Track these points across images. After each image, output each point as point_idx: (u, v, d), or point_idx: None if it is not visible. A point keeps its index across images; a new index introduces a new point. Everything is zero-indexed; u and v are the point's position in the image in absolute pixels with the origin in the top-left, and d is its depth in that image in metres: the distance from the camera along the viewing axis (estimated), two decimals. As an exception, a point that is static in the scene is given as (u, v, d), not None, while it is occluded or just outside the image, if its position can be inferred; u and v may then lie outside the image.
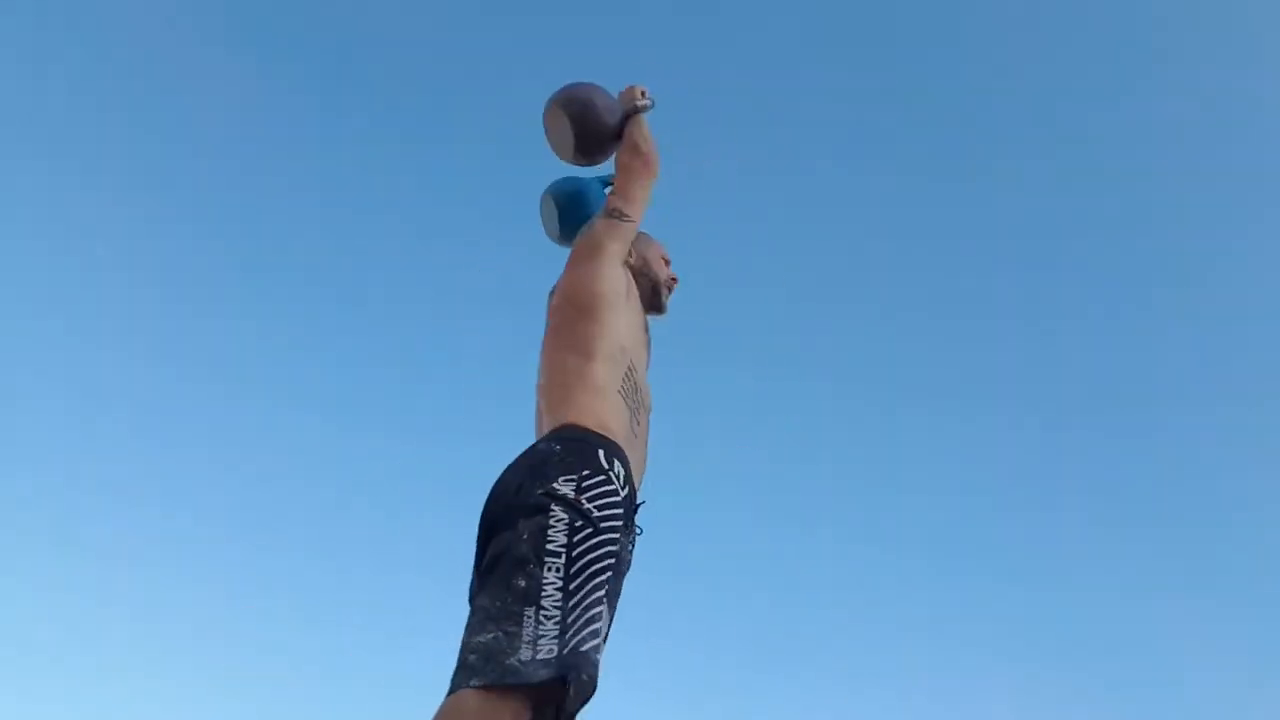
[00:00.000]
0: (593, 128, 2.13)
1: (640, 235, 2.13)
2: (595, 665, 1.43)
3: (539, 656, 1.38)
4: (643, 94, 2.20)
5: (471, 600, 1.55)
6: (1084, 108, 6.76)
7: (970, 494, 6.48)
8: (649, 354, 2.06)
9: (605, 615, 1.52)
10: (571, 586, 1.47)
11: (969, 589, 6.29)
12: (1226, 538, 6.23)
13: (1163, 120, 6.67)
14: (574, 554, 1.50)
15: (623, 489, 1.65)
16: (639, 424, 1.84)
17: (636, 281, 2.05)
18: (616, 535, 1.57)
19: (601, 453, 1.66)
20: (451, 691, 1.39)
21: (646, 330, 2.07)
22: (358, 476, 6.17)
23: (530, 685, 1.36)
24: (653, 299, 2.12)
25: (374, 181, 6.75)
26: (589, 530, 1.53)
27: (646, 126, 2.15)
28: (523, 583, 1.45)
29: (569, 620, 1.43)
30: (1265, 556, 5.99)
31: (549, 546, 1.49)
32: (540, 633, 1.41)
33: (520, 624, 1.41)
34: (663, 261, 2.17)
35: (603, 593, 1.50)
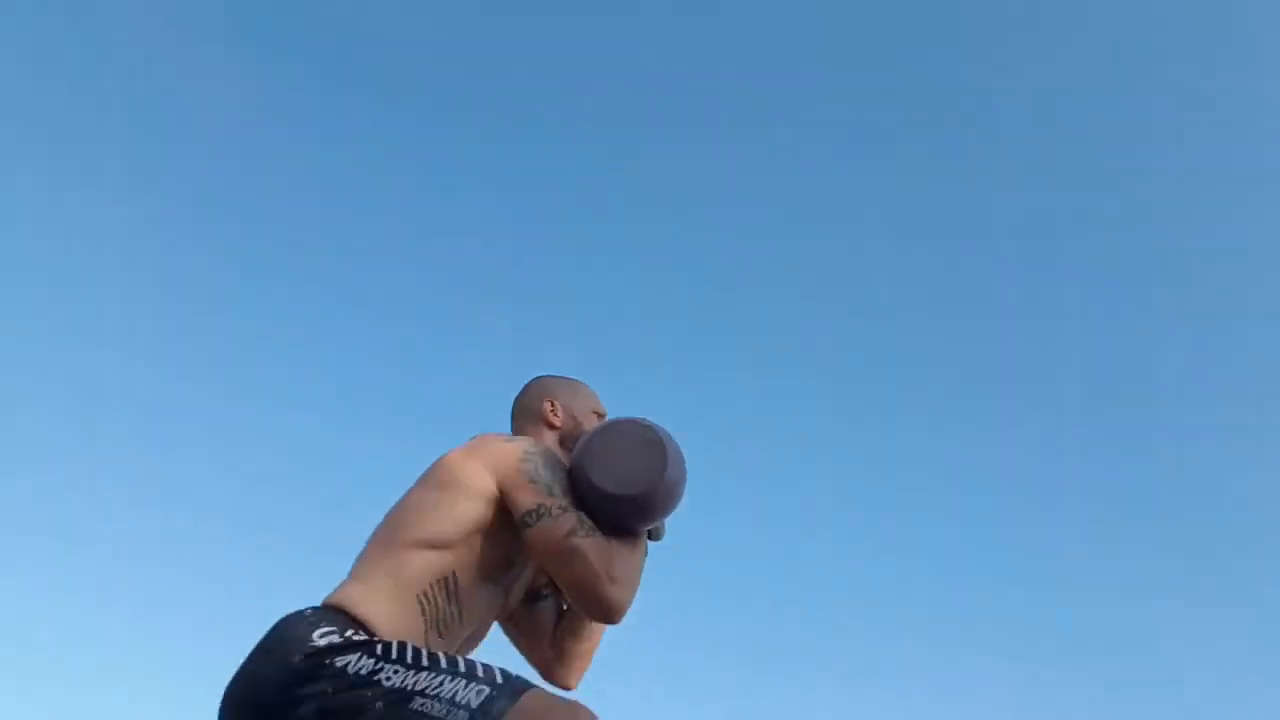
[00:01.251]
0: (663, 505, 1.59)
1: (569, 384, 1.81)
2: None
3: (476, 704, 1.25)
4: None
5: None
6: (1084, 108, 6.77)
7: (970, 494, 6.48)
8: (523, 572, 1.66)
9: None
10: (425, 663, 1.31)
11: (969, 589, 6.30)
12: (1227, 537, 6.24)
13: (1163, 120, 6.68)
14: (395, 656, 1.32)
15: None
16: (441, 638, 1.49)
17: (562, 445, 1.72)
18: None
19: (359, 633, 1.40)
20: (516, 696, 1.27)
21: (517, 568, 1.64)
22: (357, 476, 6.18)
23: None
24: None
25: (374, 181, 6.76)
26: (391, 644, 1.35)
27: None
28: (380, 704, 1.26)
29: (462, 671, 1.30)
30: (1266, 556, 5.99)
31: (364, 672, 1.29)
32: (449, 694, 1.26)
33: (426, 716, 1.25)
34: (595, 418, 1.78)
35: (467, 658, 1.35)
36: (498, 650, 1.72)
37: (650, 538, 1.67)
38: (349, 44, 6.88)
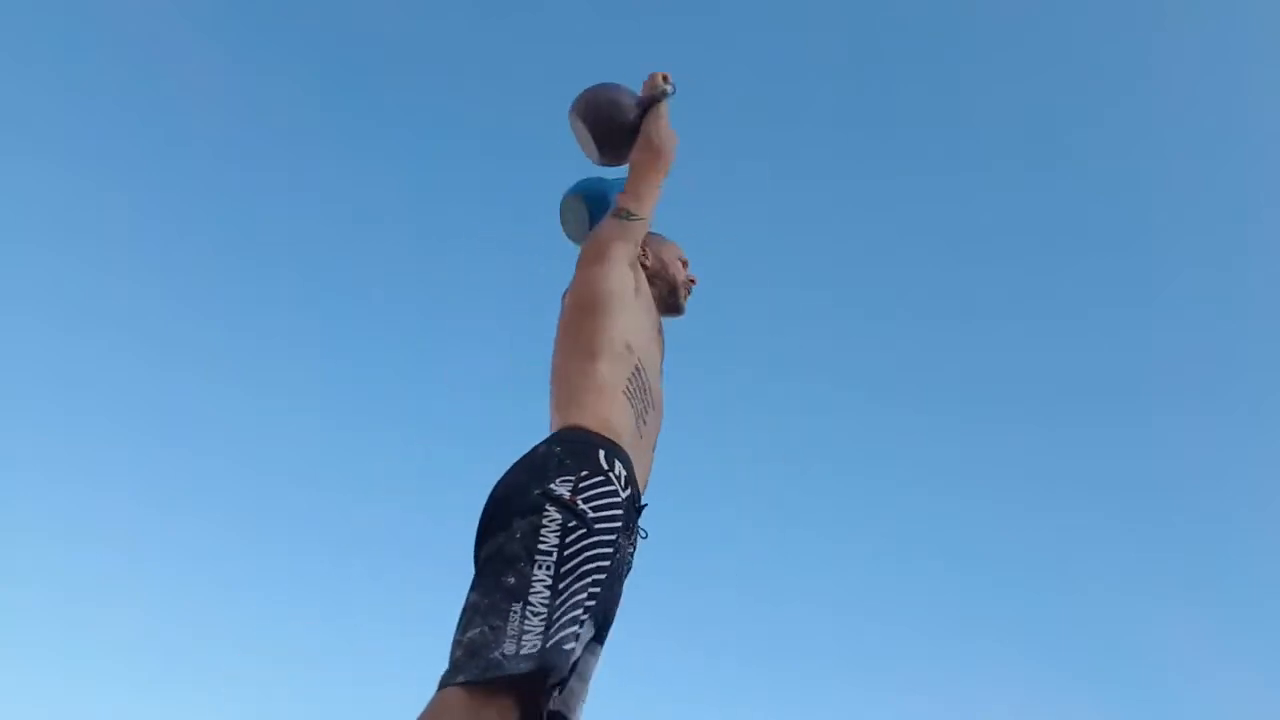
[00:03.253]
0: (611, 128, 2.11)
1: (656, 237, 2.12)
2: (567, 657, 1.43)
3: (523, 651, 1.39)
4: (664, 79, 2.16)
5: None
6: (1084, 108, 6.77)
7: (970, 494, 6.48)
8: (662, 355, 2.02)
9: (590, 617, 1.51)
10: (560, 585, 1.47)
11: (969, 588, 6.30)
12: (1227, 537, 6.23)
13: (1163, 120, 6.68)
14: (565, 554, 1.50)
15: (623, 490, 1.64)
16: (645, 424, 1.82)
17: (653, 283, 2.04)
18: (613, 538, 1.57)
19: (602, 454, 1.65)
20: (439, 689, 1.39)
21: (660, 331, 2.04)
22: (357, 476, 6.17)
23: (512, 677, 1.36)
24: (670, 300, 2.11)
25: (374, 181, 6.76)
26: (582, 531, 1.53)
27: (664, 117, 2.11)
28: (512, 580, 1.46)
29: (555, 617, 1.44)
30: (1266, 556, 5.99)
31: (540, 546, 1.49)
32: (525, 628, 1.41)
33: (506, 619, 1.42)
34: (680, 263, 2.15)
35: (588, 595, 1.50)
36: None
37: (656, 101, 2.13)
38: (349, 44, 6.89)
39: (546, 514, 1.53)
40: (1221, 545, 6.22)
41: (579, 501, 1.55)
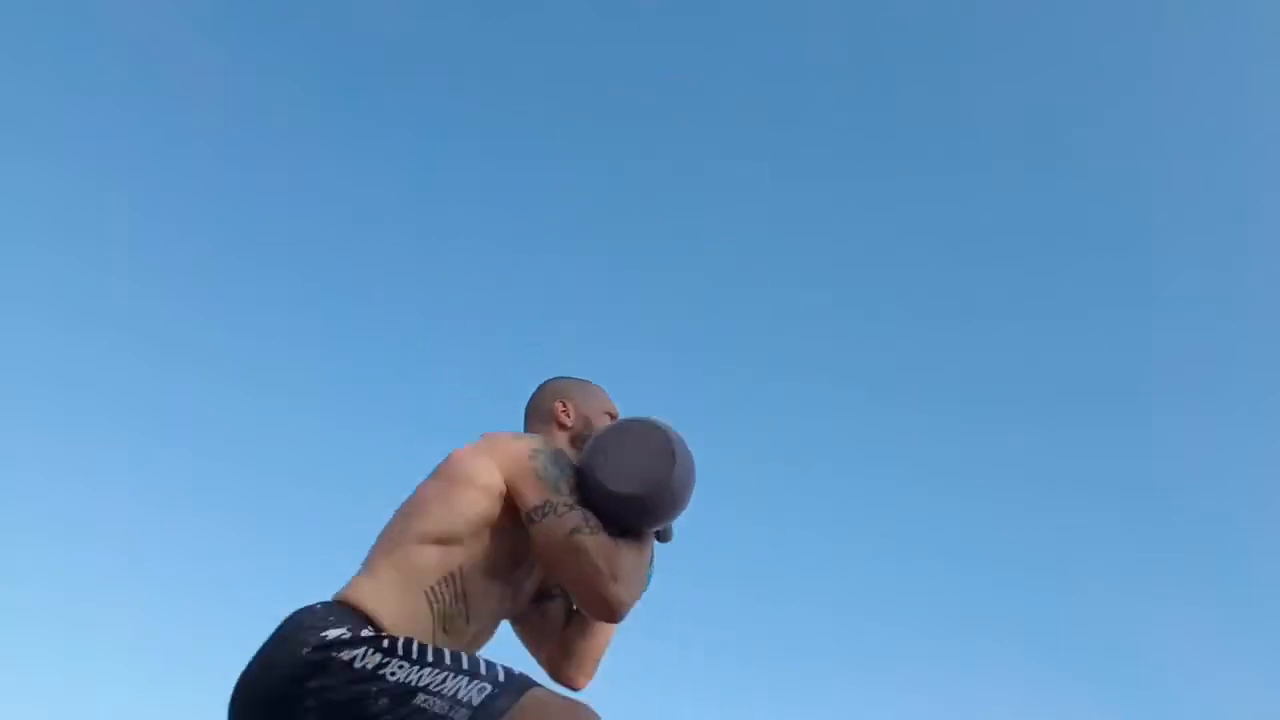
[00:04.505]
0: (675, 508, 1.62)
1: (580, 386, 1.83)
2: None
3: (478, 701, 1.25)
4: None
5: None
6: (1084, 108, 6.77)
7: (970, 494, 6.48)
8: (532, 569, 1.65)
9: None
10: (430, 659, 1.31)
11: (969, 588, 6.30)
12: (1227, 537, 6.23)
13: (1163, 120, 6.68)
14: (401, 652, 1.33)
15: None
16: (447, 634, 1.49)
17: (573, 444, 1.73)
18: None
19: (367, 629, 1.40)
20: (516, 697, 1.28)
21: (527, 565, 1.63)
22: (357, 476, 6.17)
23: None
24: None
25: (374, 181, 6.76)
26: (397, 639, 1.35)
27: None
28: (385, 700, 1.27)
29: (465, 668, 1.30)
30: (1266, 556, 5.99)
31: (372, 667, 1.30)
32: (451, 692, 1.27)
33: (426, 712, 1.25)
34: (607, 418, 1.79)
35: (473, 655, 1.35)
36: (507, 648, 1.71)
37: (658, 539, 1.66)
38: (349, 44, 6.89)
39: (338, 656, 1.32)
40: (1221, 545, 6.22)
41: (362, 632, 1.37)
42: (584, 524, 1.49)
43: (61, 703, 5.19)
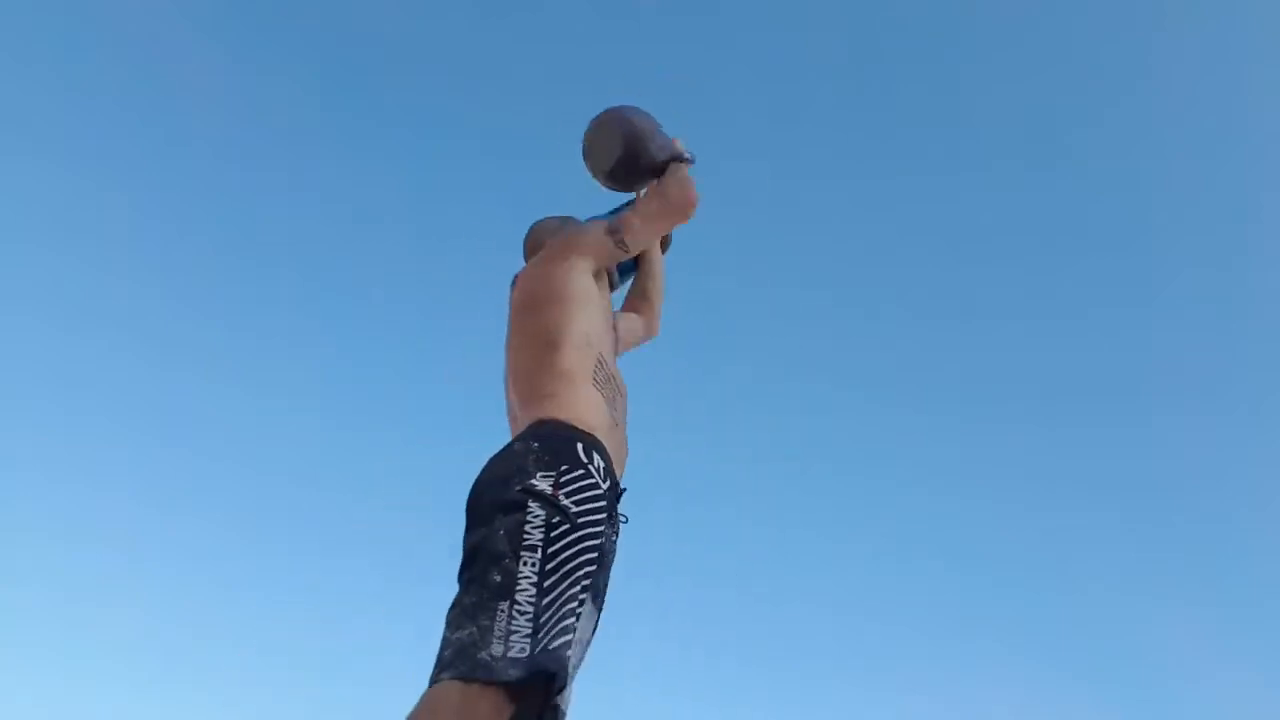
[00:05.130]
0: (641, 152, 2.03)
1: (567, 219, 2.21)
2: (564, 663, 1.43)
3: (510, 654, 1.38)
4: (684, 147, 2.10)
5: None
6: (1084, 108, 6.77)
7: (970, 494, 6.48)
8: (617, 341, 2.02)
9: (586, 611, 1.52)
10: (547, 584, 1.47)
11: (969, 588, 6.30)
12: (1227, 537, 6.23)
13: (1163, 120, 6.67)
14: (550, 550, 1.49)
15: (604, 482, 1.64)
16: (616, 411, 1.82)
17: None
18: (599, 529, 1.57)
19: (580, 446, 1.64)
20: (430, 684, 1.40)
21: (615, 328, 2.03)
22: (357, 476, 6.17)
23: (500, 683, 1.36)
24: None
25: (374, 181, 6.76)
26: (566, 526, 1.53)
27: (689, 180, 2.03)
28: (498, 578, 1.45)
29: (543, 619, 1.43)
30: (1266, 556, 5.99)
31: (525, 542, 1.49)
32: (513, 628, 1.41)
33: (494, 618, 1.41)
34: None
35: (579, 588, 1.50)
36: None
37: (687, 160, 2.06)
38: (349, 44, 6.89)
39: (529, 510, 1.52)
40: (1221, 545, 6.22)
41: (561, 496, 1.55)
42: (611, 221, 1.98)
43: (61, 703, 5.20)
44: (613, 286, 2.10)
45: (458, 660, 1.39)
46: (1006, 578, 6.30)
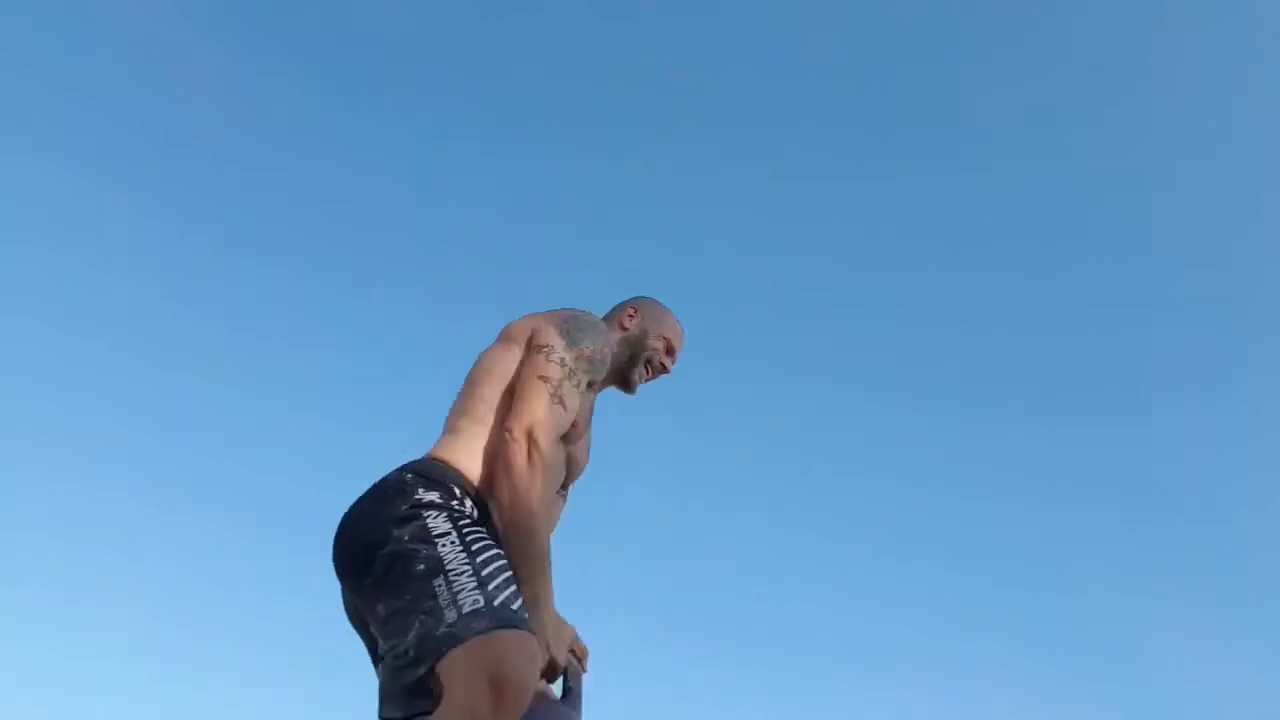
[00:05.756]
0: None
1: (660, 308, 1.97)
2: (523, 618, 1.40)
3: (465, 610, 1.36)
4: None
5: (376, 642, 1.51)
6: (1084, 108, 6.77)
7: (970, 493, 6.48)
8: (588, 429, 1.83)
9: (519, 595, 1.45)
10: (474, 549, 1.45)
11: (969, 588, 6.30)
12: (1227, 537, 6.24)
13: (1163, 120, 6.68)
14: (464, 530, 1.47)
15: (483, 527, 1.54)
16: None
17: (624, 344, 1.90)
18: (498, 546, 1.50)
19: (457, 488, 1.56)
20: (414, 692, 1.39)
21: (591, 404, 1.84)
22: (358, 476, 6.16)
23: (465, 642, 1.33)
24: (624, 367, 1.89)
25: (374, 181, 6.76)
26: (468, 520, 1.50)
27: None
28: (421, 566, 1.42)
29: (483, 574, 1.41)
30: (1266, 556, 5.99)
31: (435, 532, 1.46)
32: (456, 590, 1.39)
33: (435, 596, 1.39)
34: (661, 342, 1.93)
35: (505, 560, 1.46)
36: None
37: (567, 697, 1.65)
38: (349, 44, 6.89)
39: (426, 516, 1.48)
40: (1221, 545, 6.22)
41: (454, 505, 1.51)
42: (563, 378, 1.66)
43: (61, 703, 5.19)
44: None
45: (422, 653, 1.36)
46: (1006, 578, 6.30)
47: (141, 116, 6.57)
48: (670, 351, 1.95)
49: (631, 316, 1.93)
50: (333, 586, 1.58)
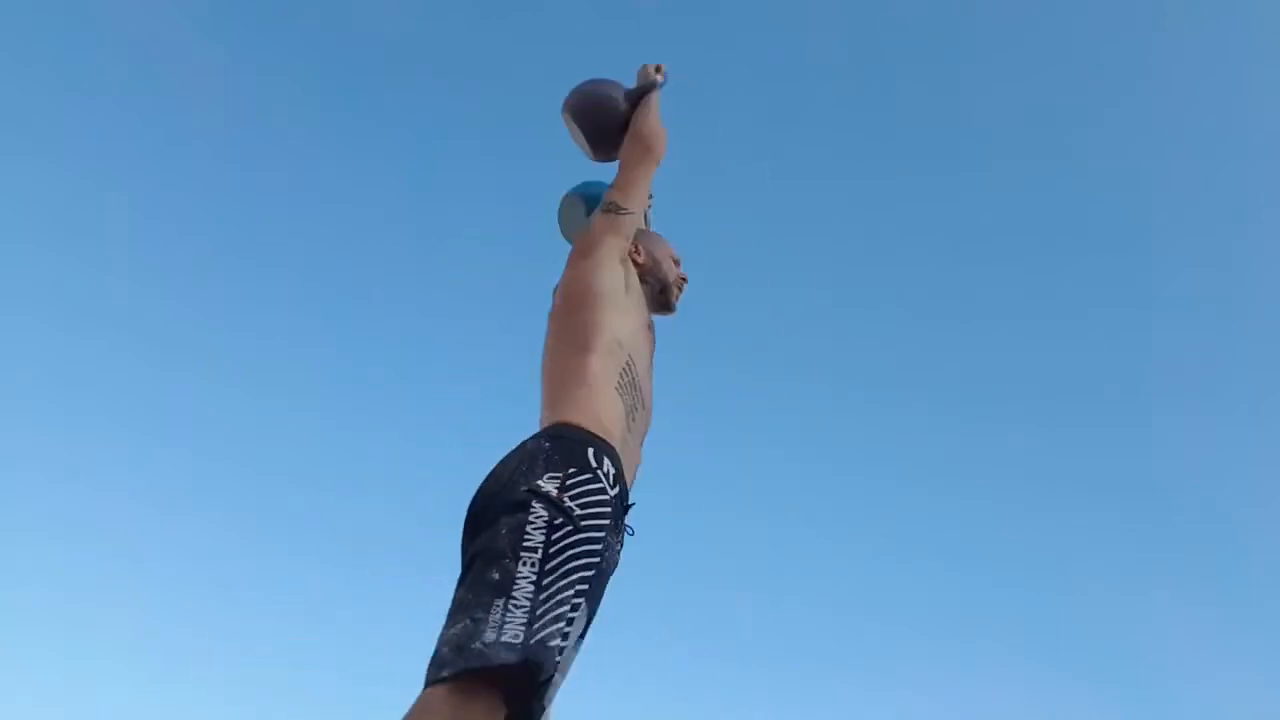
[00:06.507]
0: (602, 123, 2.16)
1: (650, 235, 2.14)
2: (554, 659, 1.42)
3: (503, 639, 1.38)
4: (656, 70, 2.19)
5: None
6: (1084, 108, 6.77)
7: (970, 493, 6.48)
8: (652, 351, 2.01)
9: (581, 613, 1.51)
10: (545, 581, 1.47)
11: (968, 588, 6.30)
12: (1226, 536, 6.24)
13: (1163, 120, 6.68)
14: (551, 550, 1.50)
15: (612, 488, 1.63)
16: (635, 421, 1.82)
17: (644, 280, 2.04)
18: (600, 534, 1.56)
19: (591, 451, 1.64)
20: (425, 687, 1.39)
21: (650, 328, 2.03)
22: (358, 476, 6.17)
23: (497, 671, 1.36)
24: (661, 298, 2.09)
25: (374, 181, 6.76)
26: (569, 529, 1.52)
27: (654, 109, 2.13)
28: (496, 575, 1.45)
29: (538, 612, 1.43)
30: (1266, 556, 5.99)
31: (526, 543, 1.49)
32: (507, 620, 1.41)
33: (488, 611, 1.42)
34: (672, 261, 2.14)
35: (574, 592, 1.49)
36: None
37: (647, 92, 2.15)
38: (349, 44, 6.89)
39: (533, 510, 1.52)
40: (1221, 545, 6.22)
41: (566, 499, 1.55)
42: (612, 197, 2.02)
43: (61, 703, 5.20)
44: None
45: (454, 656, 1.38)
46: (1006, 578, 6.30)
47: (141, 116, 6.58)
48: (679, 262, 2.14)
49: (635, 250, 2.04)
50: (327, 587, 1.58)
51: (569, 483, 1.57)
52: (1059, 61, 6.80)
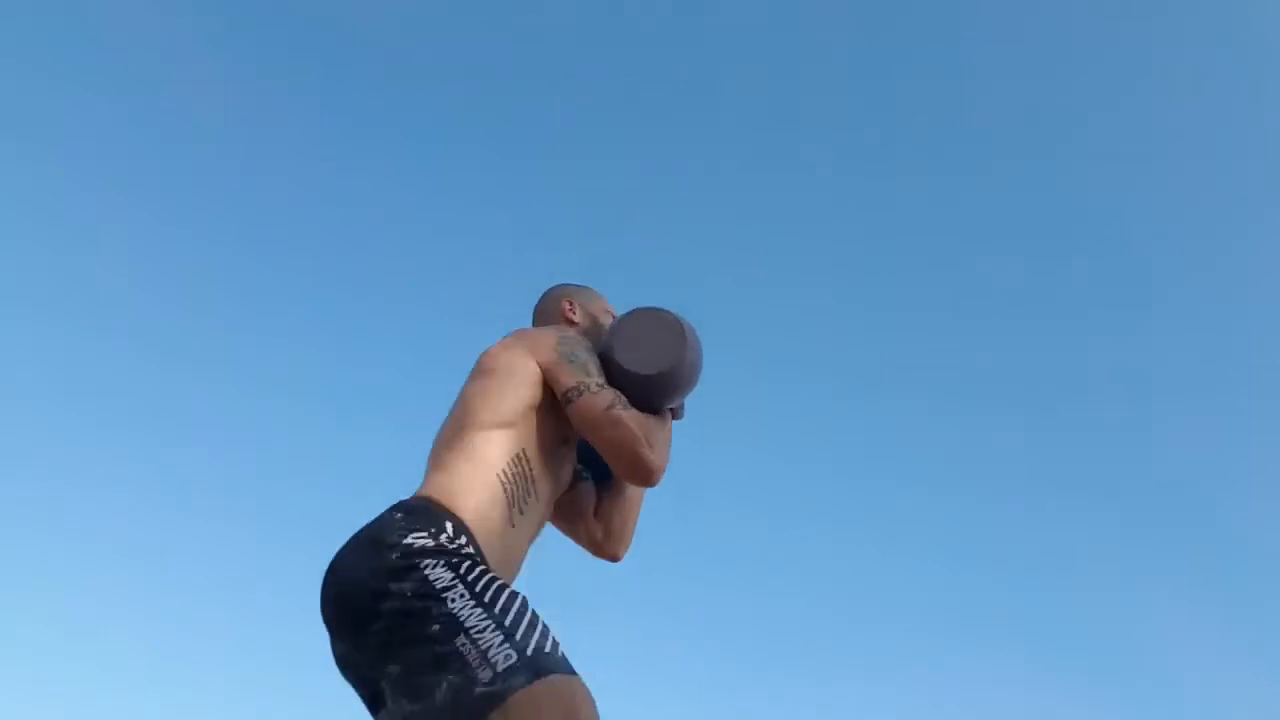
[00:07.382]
0: (687, 385, 1.80)
1: (583, 291, 1.97)
2: (561, 659, 1.34)
3: (501, 668, 1.29)
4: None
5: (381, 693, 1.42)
6: (1084, 108, 6.77)
7: (970, 493, 6.48)
8: (561, 481, 1.75)
9: (546, 626, 1.39)
10: (486, 598, 1.37)
11: (968, 588, 6.30)
12: (1226, 536, 6.24)
13: (1163, 120, 6.68)
14: (470, 579, 1.39)
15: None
16: (523, 515, 1.60)
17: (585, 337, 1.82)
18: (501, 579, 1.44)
19: (450, 524, 1.48)
20: None
21: (570, 442, 1.75)
22: (357, 476, 6.17)
23: (506, 700, 1.27)
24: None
25: (374, 181, 6.76)
26: (470, 561, 1.43)
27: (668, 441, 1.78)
28: (436, 626, 1.34)
29: (506, 624, 1.34)
30: (1266, 556, 5.99)
31: (439, 587, 1.37)
32: (484, 647, 1.32)
33: (462, 655, 1.31)
34: (608, 316, 1.95)
35: (523, 602, 1.40)
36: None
37: (673, 416, 1.81)
38: (349, 44, 6.89)
39: (422, 565, 1.40)
40: (1222, 545, 6.22)
41: (446, 542, 1.44)
42: (617, 400, 1.65)
43: (62, 703, 5.20)
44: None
45: (459, 716, 1.29)
46: (1006, 578, 6.30)
47: (141, 116, 6.58)
48: (614, 318, 1.96)
49: (571, 309, 1.92)
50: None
51: (439, 535, 1.45)
52: (1059, 61, 6.81)
